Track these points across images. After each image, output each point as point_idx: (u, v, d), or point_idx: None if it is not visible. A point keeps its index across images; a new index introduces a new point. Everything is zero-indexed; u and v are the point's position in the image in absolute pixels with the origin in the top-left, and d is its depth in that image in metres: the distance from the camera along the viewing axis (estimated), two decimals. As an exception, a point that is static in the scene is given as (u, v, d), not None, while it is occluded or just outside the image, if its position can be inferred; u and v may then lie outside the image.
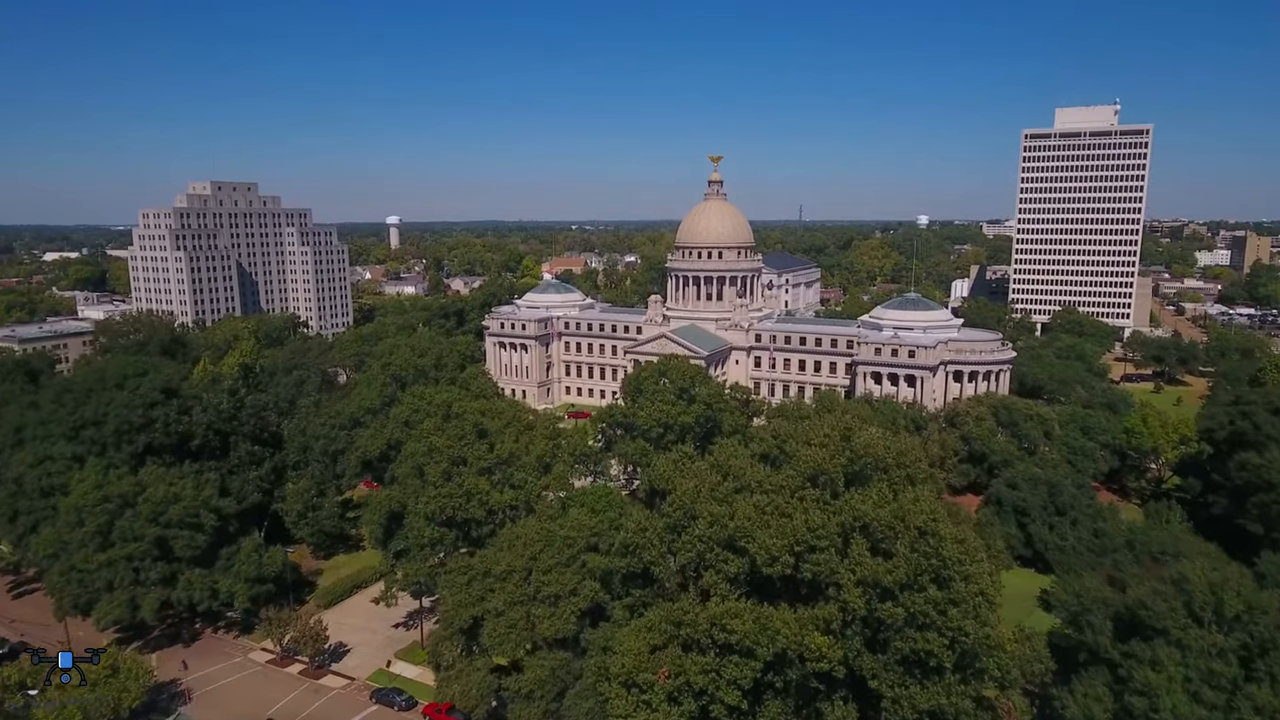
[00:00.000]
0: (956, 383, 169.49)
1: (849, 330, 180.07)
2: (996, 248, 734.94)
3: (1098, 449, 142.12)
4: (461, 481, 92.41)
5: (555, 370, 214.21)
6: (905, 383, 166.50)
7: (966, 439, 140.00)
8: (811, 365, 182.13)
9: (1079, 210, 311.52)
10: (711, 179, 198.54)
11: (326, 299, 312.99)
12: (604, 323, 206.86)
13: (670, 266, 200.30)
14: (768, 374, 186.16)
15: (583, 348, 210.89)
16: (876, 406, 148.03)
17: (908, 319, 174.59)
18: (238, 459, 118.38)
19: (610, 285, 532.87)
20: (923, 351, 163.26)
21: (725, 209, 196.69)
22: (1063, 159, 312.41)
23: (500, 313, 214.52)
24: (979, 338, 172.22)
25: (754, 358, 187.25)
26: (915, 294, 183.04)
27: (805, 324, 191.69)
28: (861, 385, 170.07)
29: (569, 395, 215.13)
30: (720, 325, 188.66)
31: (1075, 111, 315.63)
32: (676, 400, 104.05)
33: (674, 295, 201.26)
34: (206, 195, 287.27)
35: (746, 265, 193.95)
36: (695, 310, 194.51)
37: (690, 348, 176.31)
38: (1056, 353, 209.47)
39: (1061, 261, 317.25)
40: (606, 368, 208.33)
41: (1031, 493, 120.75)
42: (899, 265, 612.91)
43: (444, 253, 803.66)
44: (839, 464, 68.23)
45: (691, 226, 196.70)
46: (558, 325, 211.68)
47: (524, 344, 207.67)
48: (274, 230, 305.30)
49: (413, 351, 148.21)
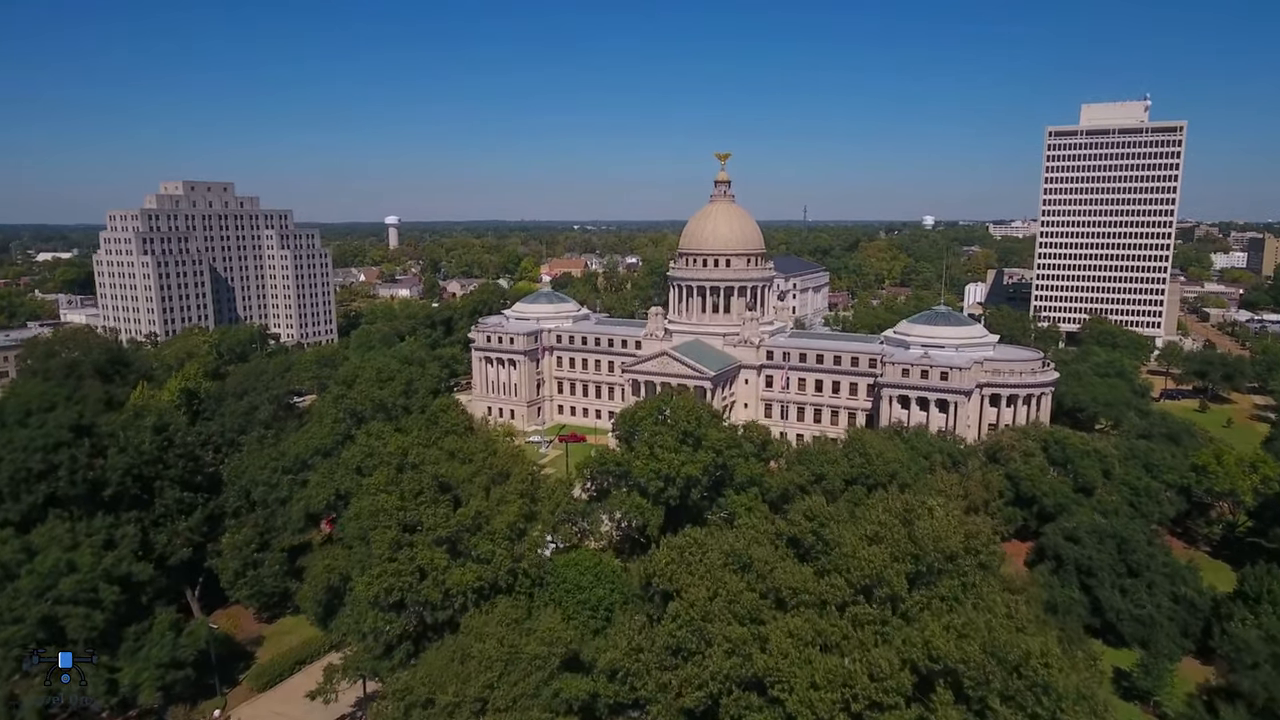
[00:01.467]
0: (993, 407, 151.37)
1: (871, 347, 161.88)
2: (1007, 249, 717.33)
3: (1163, 490, 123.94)
4: (414, 554, 74.53)
5: (547, 387, 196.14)
6: (936, 408, 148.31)
7: (1013, 478, 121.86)
8: (829, 386, 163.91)
9: (1107, 212, 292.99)
10: (718, 179, 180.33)
11: (308, 306, 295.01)
12: (600, 336, 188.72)
13: (673, 275, 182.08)
14: (780, 395, 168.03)
15: (577, 363, 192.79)
16: (907, 438, 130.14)
17: (938, 335, 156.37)
18: (164, 508, 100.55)
19: (610, 289, 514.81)
20: (956, 373, 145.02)
21: (733, 212, 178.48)
22: (1090, 158, 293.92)
23: (487, 325, 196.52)
24: (1018, 357, 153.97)
25: (765, 377, 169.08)
26: (945, 307, 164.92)
27: (823, 339, 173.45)
28: (886, 410, 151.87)
29: (561, 415, 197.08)
30: (728, 341, 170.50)
31: (1102, 108, 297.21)
32: (679, 446, 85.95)
33: (676, 307, 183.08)
34: (179, 196, 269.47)
35: (757, 274, 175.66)
36: (700, 324, 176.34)
37: (694, 367, 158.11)
38: (1094, 369, 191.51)
39: (1088, 266, 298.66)
40: (603, 385, 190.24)
41: (1097, 548, 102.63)
42: (908, 268, 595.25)
43: (441, 254, 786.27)
44: (902, 569, 50.22)
45: (696, 231, 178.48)
46: (549, 339, 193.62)
47: (512, 359, 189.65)
48: (252, 233, 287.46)
49: (378, 376, 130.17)
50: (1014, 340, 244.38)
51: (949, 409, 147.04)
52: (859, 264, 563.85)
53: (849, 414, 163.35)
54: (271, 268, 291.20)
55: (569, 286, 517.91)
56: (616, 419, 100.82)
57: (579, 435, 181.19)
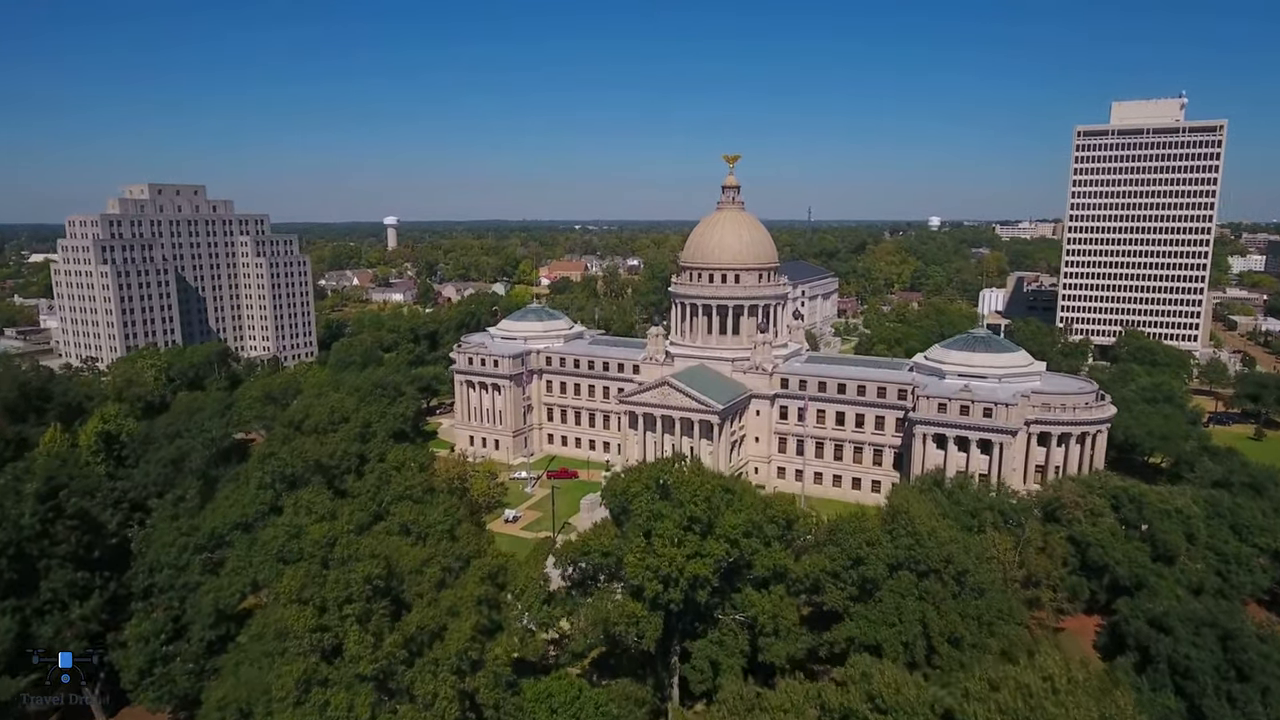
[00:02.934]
0: (1041, 446, 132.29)
1: (901, 376, 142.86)
2: (1018, 252, 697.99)
3: (1255, 555, 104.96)
4: (328, 699, 55.81)
5: (535, 414, 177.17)
6: (978, 448, 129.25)
7: (1078, 541, 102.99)
8: (853, 419, 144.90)
9: (1141, 216, 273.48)
10: (726, 184, 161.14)
11: (286, 318, 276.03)
12: (594, 359, 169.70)
13: (676, 292, 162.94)
14: (796, 428, 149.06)
15: (568, 388, 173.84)
16: (948, 489, 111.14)
17: (977, 364, 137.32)
18: (51, 592, 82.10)
19: (610, 294, 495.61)
20: (1002, 410, 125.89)
21: (743, 221, 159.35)
22: (1122, 159, 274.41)
23: (470, 345, 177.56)
24: (1069, 389, 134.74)
25: (779, 407, 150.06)
26: (984, 330, 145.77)
27: (845, 365, 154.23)
28: (919, 449, 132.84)
29: (552, 444, 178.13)
30: (737, 367, 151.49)
31: (1134, 106, 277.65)
32: (684, 535, 67.01)
33: (679, 326, 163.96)
34: (144, 200, 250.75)
35: (769, 291, 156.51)
36: (705, 347, 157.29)
37: (699, 399, 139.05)
38: (1140, 394, 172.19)
39: (1119, 275, 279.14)
40: (597, 413, 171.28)
41: (1194, 642, 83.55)
42: (917, 271, 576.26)
43: (439, 256, 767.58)
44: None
45: (701, 243, 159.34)
46: (538, 361, 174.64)
47: (496, 384, 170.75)
48: (225, 239, 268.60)
49: (330, 417, 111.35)
50: (1044, 356, 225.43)
51: (993, 450, 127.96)
52: (867, 268, 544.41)
53: (874, 451, 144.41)
54: (246, 277, 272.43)
55: (567, 292, 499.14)
56: (604, 488, 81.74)
57: (570, 471, 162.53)
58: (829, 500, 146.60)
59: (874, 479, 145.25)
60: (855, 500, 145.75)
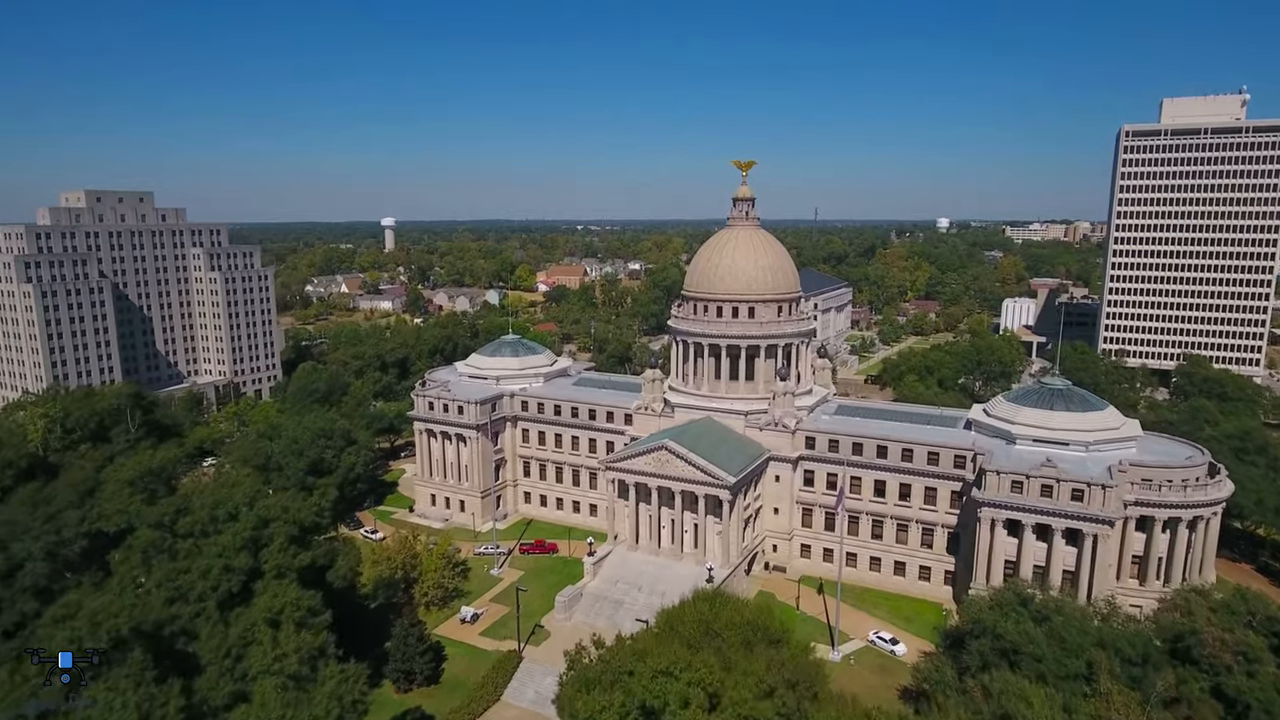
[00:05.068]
0: (1140, 532, 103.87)
1: (958, 438, 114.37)
2: (1035, 257, 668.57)
3: None
4: None
5: (509, 469, 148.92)
6: (1063, 538, 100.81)
7: (1226, 695, 74.80)
8: (895, 489, 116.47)
9: (1197, 226, 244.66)
10: (738, 195, 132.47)
11: (244, 340, 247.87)
12: (578, 405, 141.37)
13: (677, 328, 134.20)
14: (825, 498, 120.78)
15: (548, 439, 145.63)
16: (1040, 609, 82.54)
17: (1058, 426, 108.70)
18: None
19: (608, 303, 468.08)
20: (1096, 492, 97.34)
21: (759, 241, 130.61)
22: (1176, 161, 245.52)
23: (433, 386, 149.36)
24: (1175, 459, 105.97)
25: (803, 472, 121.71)
26: (1061, 380, 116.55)
27: (883, 417, 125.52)
28: (985, 536, 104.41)
29: (529, 505, 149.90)
30: (751, 422, 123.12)
31: (1189, 103, 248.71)
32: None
33: (680, 368, 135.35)
34: (80, 209, 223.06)
35: (791, 328, 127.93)
36: (712, 396, 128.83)
37: (706, 470, 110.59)
38: (1224, 442, 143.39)
39: (1173, 290, 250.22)
40: (582, 470, 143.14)
41: None
42: (932, 278, 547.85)
43: (433, 261, 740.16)
44: None
45: (708, 268, 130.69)
46: (512, 406, 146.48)
47: (462, 435, 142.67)
48: (175, 252, 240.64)
49: (212, 514, 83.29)
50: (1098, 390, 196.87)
51: (1083, 542, 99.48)
52: (880, 275, 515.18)
53: (923, 530, 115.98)
54: (199, 294, 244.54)
55: (563, 301, 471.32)
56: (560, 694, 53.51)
57: (548, 544, 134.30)
58: (866, 589, 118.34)
59: (922, 564, 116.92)
60: (899, 589, 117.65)
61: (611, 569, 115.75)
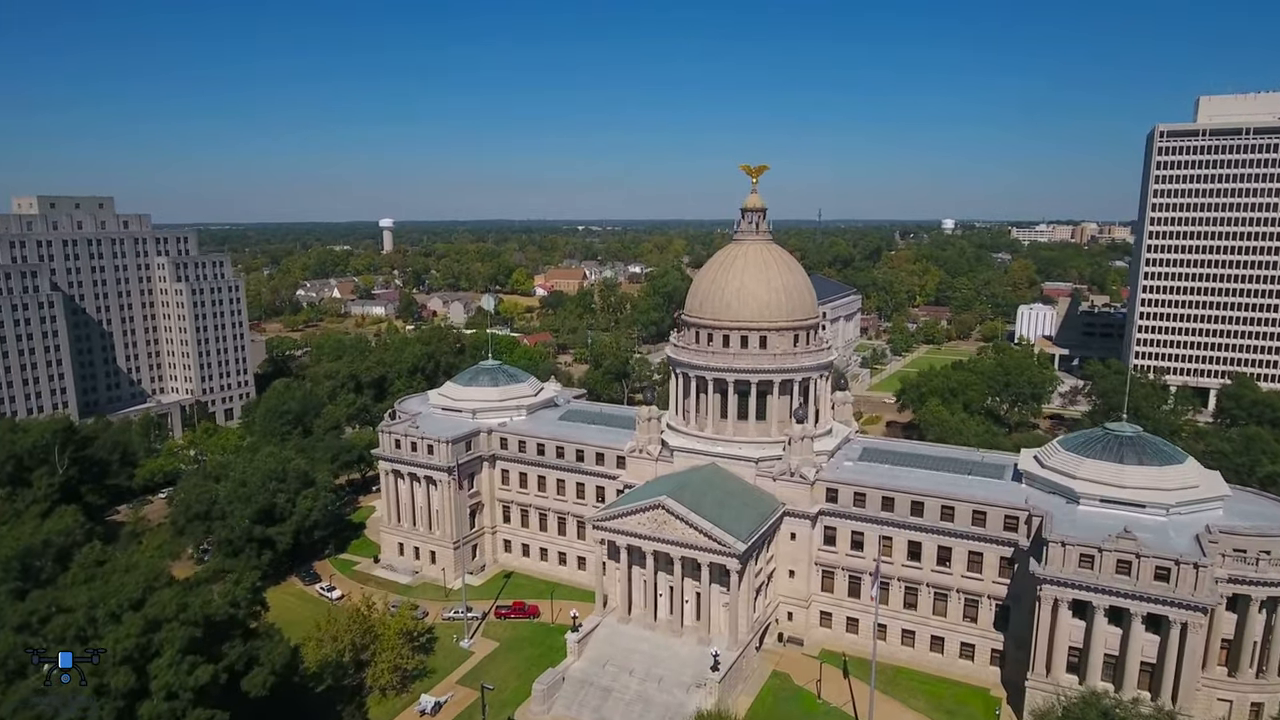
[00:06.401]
0: (1231, 612, 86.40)
1: (1008, 494, 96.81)
2: (1045, 260, 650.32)
3: None
4: None
5: (488, 514, 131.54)
6: (1142, 624, 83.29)
7: None
8: (933, 552, 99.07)
9: (1243, 234, 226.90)
10: (747, 206, 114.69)
11: (214, 356, 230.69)
12: (563, 444, 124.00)
13: (677, 359, 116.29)
14: (849, 559, 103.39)
15: (530, 481, 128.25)
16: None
17: (1131, 483, 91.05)
18: None
19: (607, 309, 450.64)
20: (1189, 571, 79.73)
21: (772, 260, 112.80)
22: (1216, 164, 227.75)
23: (402, 419, 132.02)
24: (1275, 528, 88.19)
25: (823, 529, 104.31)
26: (1131, 426, 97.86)
27: (917, 464, 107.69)
28: (1046, 617, 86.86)
29: (509, 554, 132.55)
30: (763, 470, 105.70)
31: (1228, 101, 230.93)
32: None
33: (681, 404, 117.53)
34: (32, 216, 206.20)
35: (810, 361, 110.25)
36: (717, 439, 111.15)
37: (712, 534, 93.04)
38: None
39: (1216, 304, 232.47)
40: (569, 518, 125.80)
41: None
42: (942, 283, 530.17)
43: (430, 264, 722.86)
44: None
45: (713, 291, 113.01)
46: (490, 443, 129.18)
47: (432, 478, 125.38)
48: (138, 263, 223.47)
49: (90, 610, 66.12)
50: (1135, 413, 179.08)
51: (1169, 630, 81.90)
52: (888, 280, 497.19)
53: (966, 602, 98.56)
54: (165, 306, 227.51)
55: (560, 308, 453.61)
56: None
57: (529, 607, 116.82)
58: (898, 667, 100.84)
59: (965, 640, 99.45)
60: (937, 669, 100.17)
61: (599, 647, 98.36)
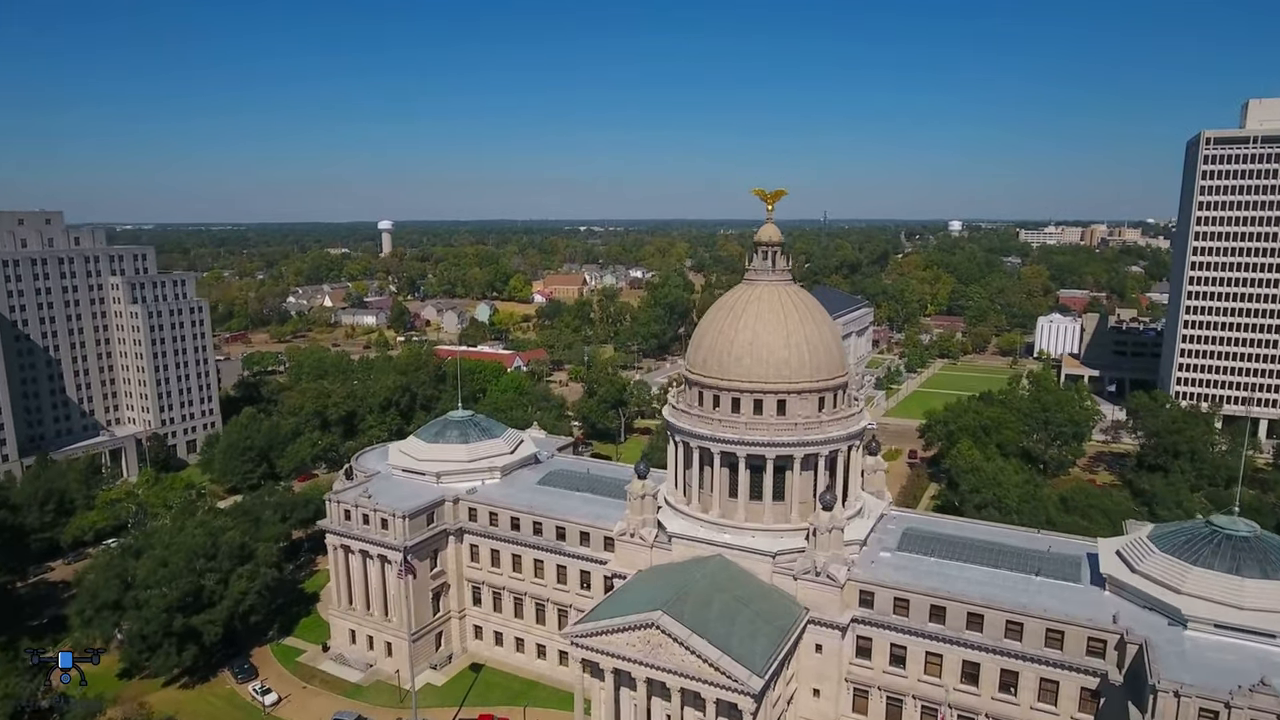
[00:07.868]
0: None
1: (1092, 607, 76.96)
2: (1058, 265, 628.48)
3: None
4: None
5: (454, 596, 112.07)
6: (1284, 803, 63.72)
7: None
8: (994, 676, 79.58)
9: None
10: (761, 240, 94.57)
11: (174, 384, 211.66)
12: (540, 520, 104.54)
13: (677, 424, 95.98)
14: (888, 678, 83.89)
15: (504, 560, 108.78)
16: None
17: (1253, 604, 71.32)
18: None
19: (605, 320, 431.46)
20: (1353, 743, 60.14)
21: (791, 304, 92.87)
22: (1270, 174, 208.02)
23: (358, 479, 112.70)
24: None
25: (855, 639, 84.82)
26: (1246, 524, 77.37)
27: (969, 558, 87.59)
28: (1150, 782, 67.31)
29: (479, 642, 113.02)
30: (781, 566, 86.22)
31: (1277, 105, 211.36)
32: None
33: (680, 475, 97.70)
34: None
35: (838, 432, 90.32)
36: (723, 523, 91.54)
37: (719, 665, 73.46)
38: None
39: (1266, 326, 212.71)
40: (548, 605, 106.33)
41: None
42: (954, 291, 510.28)
43: (426, 269, 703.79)
44: None
45: (720, 343, 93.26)
46: (456, 514, 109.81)
47: (385, 557, 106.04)
48: (90, 283, 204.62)
49: None
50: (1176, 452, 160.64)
51: (1321, 814, 62.33)
52: (899, 289, 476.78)
53: (1038, 738, 78.94)
54: (120, 330, 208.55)
55: (558, 318, 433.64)
56: None
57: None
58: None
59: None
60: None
61: (579, 795, 78.99)
